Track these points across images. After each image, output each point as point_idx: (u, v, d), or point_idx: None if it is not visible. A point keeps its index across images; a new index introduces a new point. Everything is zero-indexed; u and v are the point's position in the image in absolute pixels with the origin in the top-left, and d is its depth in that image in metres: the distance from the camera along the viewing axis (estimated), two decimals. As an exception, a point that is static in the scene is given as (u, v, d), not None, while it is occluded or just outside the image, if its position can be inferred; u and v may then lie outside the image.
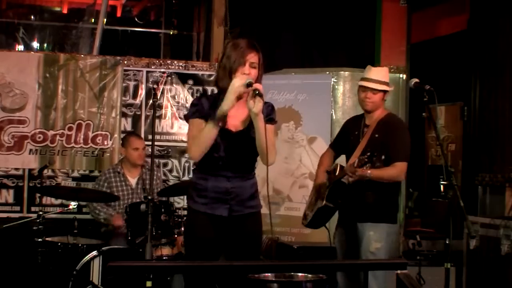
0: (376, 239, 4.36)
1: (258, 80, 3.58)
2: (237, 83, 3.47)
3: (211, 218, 3.65)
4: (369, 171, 4.21)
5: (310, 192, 4.82)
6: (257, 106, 3.44)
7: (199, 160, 3.62)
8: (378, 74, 4.52)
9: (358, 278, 4.45)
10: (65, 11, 9.11)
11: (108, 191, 5.51)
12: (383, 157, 4.23)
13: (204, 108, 3.62)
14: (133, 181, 5.62)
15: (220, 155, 3.60)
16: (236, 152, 3.61)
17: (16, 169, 6.28)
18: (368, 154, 4.17)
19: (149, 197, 4.29)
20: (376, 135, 4.44)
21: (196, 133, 3.58)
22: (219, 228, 3.66)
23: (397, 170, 4.36)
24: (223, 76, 3.60)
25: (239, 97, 3.49)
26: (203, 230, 3.65)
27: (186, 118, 3.72)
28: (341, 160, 4.69)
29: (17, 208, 6.26)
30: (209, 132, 3.51)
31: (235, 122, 3.63)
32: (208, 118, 3.56)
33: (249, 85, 3.46)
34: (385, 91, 4.51)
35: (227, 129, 3.59)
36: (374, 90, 4.47)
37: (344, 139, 4.68)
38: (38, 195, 6.21)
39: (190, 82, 6.69)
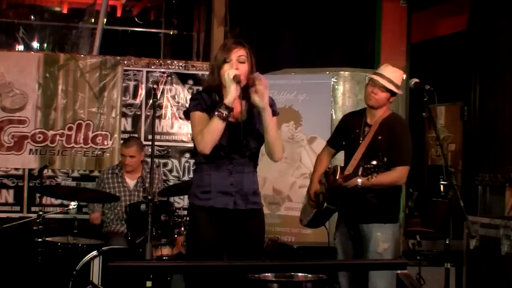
0: (383, 239, 4.29)
1: (252, 72, 3.62)
2: (229, 71, 3.52)
3: (216, 212, 3.64)
4: (372, 179, 4.03)
5: (305, 195, 4.78)
6: (262, 99, 3.55)
7: (203, 157, 3.63)
8: (392, 74, 4.37)
9: (361, 279, 4.40)
10: (65, 11, 9.10)
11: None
12: (385, 159, 4.08)
13: (205, 101, 3.64)
14: (131, 182, 5.58)
15: (221, 143, 3.59)
16: (237, 143, 3.61)
17: (16, 169, 6.28)
18: (374, 163, 4.01)
19: (149, 197, 4.29)
20: (379, 137, 4.30)
21: (201, 127, 3.57)
22: (223, 223, 3.65)
23: (398, 174, 4.26)
24: (212, 75, 3.68)
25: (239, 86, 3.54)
26: (207, 228, 3.64)
27: (187, 112, 3.70)
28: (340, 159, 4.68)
29: (17, 208, 6.26)
30: (217, 124, 3.52)
31: (234, 113, 3.63)
32: (209, 112, 3.58)
33: (235, 79, 3.51)
34: (392, 93, 4.34)
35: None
36: (382, 88, 4.31)
37: (343, 135, 4.53)
38: (38, 195, 6.22)
39: (190, 82, 6.69)
